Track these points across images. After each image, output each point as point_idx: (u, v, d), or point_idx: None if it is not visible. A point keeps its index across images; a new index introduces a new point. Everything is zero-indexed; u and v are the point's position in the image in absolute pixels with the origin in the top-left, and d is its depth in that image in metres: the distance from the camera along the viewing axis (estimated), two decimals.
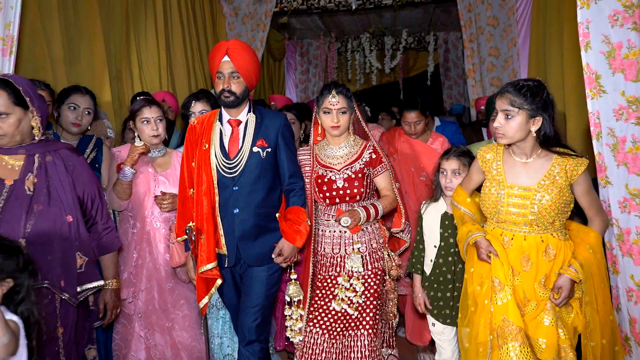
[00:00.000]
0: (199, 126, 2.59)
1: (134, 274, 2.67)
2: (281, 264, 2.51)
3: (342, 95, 2.62)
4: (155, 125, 2.72)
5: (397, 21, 7.11)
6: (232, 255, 2.48)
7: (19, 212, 2.00)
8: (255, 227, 2.47)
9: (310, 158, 2.73)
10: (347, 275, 2.60)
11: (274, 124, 2.54)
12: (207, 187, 2.48)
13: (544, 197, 2.01)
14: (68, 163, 2.17)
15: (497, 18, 5.17)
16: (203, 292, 2.52)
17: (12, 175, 2.04)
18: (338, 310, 2.60)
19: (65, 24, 3.34)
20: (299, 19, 6.90)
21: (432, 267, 2.56)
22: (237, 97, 2.45)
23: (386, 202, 2.67)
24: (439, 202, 2.60)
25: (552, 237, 2.05)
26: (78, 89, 2.78)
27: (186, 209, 2.58)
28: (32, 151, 2.10)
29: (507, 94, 2.03)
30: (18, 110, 2.02)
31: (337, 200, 2.64)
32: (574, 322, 2.06)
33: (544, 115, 1.99)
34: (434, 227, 2.57)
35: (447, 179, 2.52)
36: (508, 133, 2.04)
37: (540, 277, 2.05)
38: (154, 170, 2.76)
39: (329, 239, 2.67)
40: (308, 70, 8.50)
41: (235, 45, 2.46)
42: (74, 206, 2.13)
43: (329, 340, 2.59)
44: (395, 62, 7.97)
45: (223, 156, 2.49)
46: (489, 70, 5.26)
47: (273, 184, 2.55)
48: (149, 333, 2.68)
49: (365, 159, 2.67)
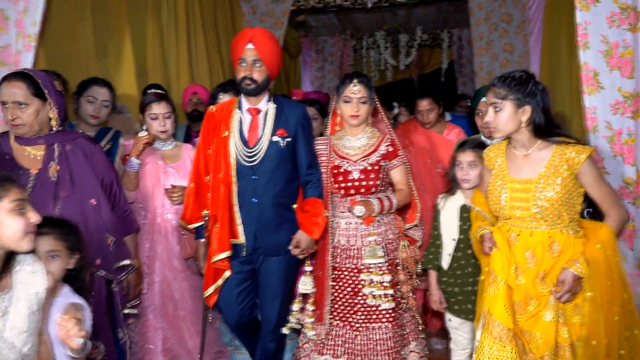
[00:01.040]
0: (217, 113, 2.57)
1: (147, 265, 2.68)
2: (298, 255, 2.51)
3: (363, 84, 2.59)
4: (163, 121, 2.72)
5: (411, 19, 7.22)
6: (250, 245, 2.47)
7: (47, 198, 2.10)
8: (273, 216, 2.47)
9: (327, 148, 2.70)
10: (367, 269, 2.57)
11: (293, 113, 2.53)
12: (224, 175, 2.46)
13: (546, 189, 1.97)
14: (86, 151, 2.26)
15: (510, 14, 5.23)
16: (210, 281, 2.50)
17: (36, 165, 2.15)
18: (365, 306, 2.57)
19: (94, 21, 3.50)
20: (315, 17, 7.03)
21: (451, 261, 2.52)
22: (258, 85, 2.44)
23: (401, 195, 2.65)
24: (456, 195, 2.57)
25: (561, 233, 2.00)
26: (96, 82, 2.81)
27: (201, 196, 2.55)
28: (51, 141, 2.19)
29: (492, 87, 2.04)
30: (37, 101, 2.11)
31: (352, 192, 2.62)
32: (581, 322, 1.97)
33: (532, 103, 1.98)
34: (451, 220, 2.54)
35: (463, 171, 2.49)
36: (499, 126, 2.03)
37: (540, 272, 2.00)
38: (163, 163, 2.76)
39: (344, 231, 2.64)
40: (323, 67, 8.61)
41: (259, 33, 2.45)
42: (96, 190, 2.24)
43: (351, 332, 2.58)
44: (410, 59, 8.06)
45: (242, 144, 2.48)
46: (502, 65, 5.33)
47: (292, 174, 2.54)
48: (164, 324, 2.69)
49: (382, 151, 2.64)
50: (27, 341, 1.55)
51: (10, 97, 2.07)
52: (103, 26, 3.59)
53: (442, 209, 2.59)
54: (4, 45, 2.47)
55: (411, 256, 2.67)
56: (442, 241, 2.57)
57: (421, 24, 7.59)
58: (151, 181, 2.71)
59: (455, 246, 2.51)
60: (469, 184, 2.47)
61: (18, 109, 2.08)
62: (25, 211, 1.56)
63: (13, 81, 2.09)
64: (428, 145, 3.45)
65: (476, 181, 2.46)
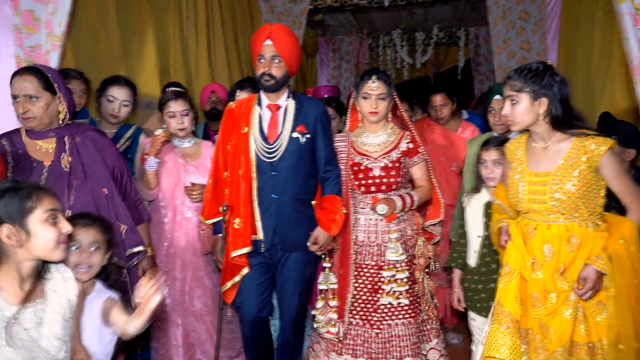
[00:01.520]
0: (237, 109, 2.57)
1: (164, 262, 2.71)
2: (316, 251, 2.52)
3: (382, 81, 2.58)
4: (181, 119, 2.72)
5: (428, 17, 7.21)
6: (268, 240, 2.48)
7: (61, 188, 2.17)
8: (292, 212, 2.49)
9: (347, 145, 2.69)
10: (388, 266, 2.57)
11: (313, 110, 2.53)
12: (245, 171, 2.47)
13: (562, 182, 1.95)
14: (96, 142, 2.33)
15: (528, 12, 5.21)
16: (228, 276, 2.51)
17: (48, 157, 2.22)
18: (386, 304, 2.56)
19: (119, 21, 3.59)
20: (332, 16, 7.05)
21: (477, 258, 2.51)
22: (277, 81, 2.43)
23: (421, 192, 2.64)
24: (481, 193, 2.56)
25: (579, 226, 1.96)
26: (117, 81, 2.84)
27: (219, 191, 2.56)
28: (61, 133, 2.26)
29: (508, 80, 2.02)
30: (47, 95, 2.18)
31: (372, 189, 2.61)
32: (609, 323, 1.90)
33: (549, 95, 1.95)
34: (477, 217, 2.53)
35: (488, 169, 2.47)
36: (516, 119, 2.01)
37: (559, 266, 1.97)
38: (183, 160, 2.77)
39: (363, 227, 2.64)
40: (340, 66, 8.62)
41: (278, 29, 2.44)
42: (107, 180, 2.30)
43: (370, 330, 2.58)
44: (426, 57, 8.04)
45: (262, 140, 2.48)
46: (519, 63, 5.32)
47: (311, 170, 2.55)
48: (185, 320, 2.72)
49: (403, 148, 2.63)
50: (61, 348, 1.57)
51: (21, 90, 2.14)
52: (127, 26, 3.68)
53: (467, 206, 2.58)
54: (34, 45, 2.56)
55: (425, 254, 2.67)
56: (468, 239, 2.57)
57: (438, 22, 7.56)
58: (172, 179, 2.73)
59: (482, 243, 2.49)
60: (494, 182, 2.44)
61: (29, 102, 2.14)
62: (57, 221, 1.56)
63: (24, 75, 2.15)
64: (442, 143, 3.44)
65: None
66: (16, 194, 1.50)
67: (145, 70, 3.84)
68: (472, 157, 2.82)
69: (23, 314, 1.51)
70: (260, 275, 2.54)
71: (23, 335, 1.49)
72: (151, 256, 2.54)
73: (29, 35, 2.51)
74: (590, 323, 1.92)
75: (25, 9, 2.49)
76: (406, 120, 2.78)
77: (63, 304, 1.60)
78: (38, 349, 1.51)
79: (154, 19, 3.96)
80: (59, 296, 1.60)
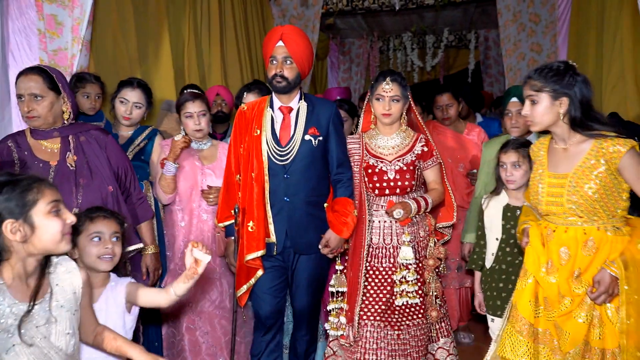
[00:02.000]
0: (249, 112, 2.55)
1: (180, 265, 2.70)
2: (327, 254, 2.51)
3: (396, 83, 2.55)
4: (198, 120, 2.71)
5: (438, 20, 7.25)
6: (280, 243, 2.47)
7: (69, 186, 2.19)
8: (305, 215, 2.46)
9: (360, 147, 2.67)
10: (399, 268, 2.55)
11: (325, 112, 2.51)
12: (258, 174, 2.45)
13: (579, 184, 1.91)
14: (100, 141, 2.34)
15: (538, 15, 5.24)
16: (243, 279, 2.50)
17: (54, 157, 2.23)
18: (400, 305, 2.54)
19: (137, 26, 3.68)
20: (343, 20, 7.11)
21: (494, 260, 2.51)
22: (289, 82, 2.41)
23: (435, 195, 2.63)
24: (501, 195, 2.54)
25: (597, 230, 1.92)
26: (130, 83, 2.83)
27: (231, 195, 2.55)
28: (65, 133, 2.28)
29: (529, 80, 1.99)
30: (51, 94, 2.20)
31: (386, 192, 2.59)
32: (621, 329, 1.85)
33: (569, 95, 1.91)
34: (495, 220, 2.52)
35: (507, 172, 2.45)
36: (535, 119, 1.99)
37: (575, 270, 1.94)
38: (200, 163, 2.75)
39: (377, 229, 2.61)
40: (350, 69, 8.67)
41: (290, 30, 2.43)
42: (112, 178, 2.32)
43: (392, 332, 2.56)
44: (436, 60, 8.09)
45: (275, 143, 2.46)
46: (530, 65, 5.34)
47: (323, 172, 2.53)
48: (201, 322, 2.71)
49: (417, 151, 2.61)
50: (70, 342, 1.56)
51: (27, 89, 2.16)
52: (144, 31, 3.76)
53: (486, 208, 2.57)
54: (57, 48, 2.65)
55: (435, 255, 2.65)
56: (486, 241, 2.57)
57: (448, 25, 7.60)
58: (189, 183, 2.72)
59: (499, 245, 2.49)
60: (514, 184, 2.44)
61: (34, 101, 2.17)
62: (60, 212, 1.53)
63: (29, 75, 2.18)
64: (448, 144, 3.43)
65: (521, 181, 2.43)
66: (15, 187, 1.45)
67: (161, 73, 3.92)
68: (489, 159, 2.85)
69: (33, 311, 1.48)
70: (274, 278, 2.53)
71: (35, 333, 1.47)
72: (155, 253, 2.56)
73: (52, 39, 2.59)
74: (607, 329, 1.88)
75: (49, 13, 2.57)
76: (420, 123, 2.76)
77: (69, 297, 1.58)
78: (49, 346, 1.49)
79: (170, 24, 4.05)
80: (64, 290, 1.57)
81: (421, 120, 2.75)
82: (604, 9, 3.96)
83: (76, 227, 1.84)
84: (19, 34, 2.59)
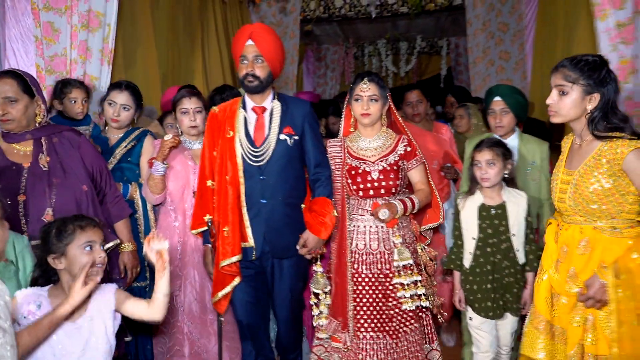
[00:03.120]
0: (220, 114, 2.49)
1: (179, 267, 2.66)
2: (305, 255, 2.46)
3: (374, 83, 2.53)
4: (194, 116, 2.68)
5: (411, 28, 7.48)
6: (259, 247, 2.41)
7: (42, 187, 2.21)
8: (283, 217, 2.41)
9: (342, 150, 2.61)
10: (399, 272, 2.48)
11: (299, 111, 2.47)
12: (232, 177, 2.39)
13: (579, 183, 1.90)
14: (73, 141, 2.34)
15: (507, 24, 5.50)
16: (219, 286, 2.44)
17: (26, 160, 2.24)
18: (404, 309, 2.49)
19: (123, 32, 3.73)
20: (319, 27, 7.25)
21: (472, 260, 2.51)
22: (261, 81, 2.36)
23: (421, 195, 2.57)
24: (476, 195, 2.53)
25: (593, 229, 1.90)
26: (118, 85, 2.82)
27: (205, 200, 2.48)
28: (37, 135, 2.29)
29: (562, 69, 1.90)
30: (25, 98, 2.23)
31: (371, 193, 2.54)
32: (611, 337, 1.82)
33: (603, 91, 1.84)
34: (471, 220, 2.52)
35: (482, 170, 2.45)
36: (561, 110, 1.92)
37: (570, 268, 1.94)
38: (192, 163, 2.71)
39: (362, 234, 2.55)
40: (325, 75, 8.80)
41: (259, 28, 2.37)
42: (86, 177, 2.32)
43: (391, 341, 2.51)
44: (410, 66, 8.33)
45: (249, 144, 2.41)
46: (498, 72, 5.59)
47: (300, 173, 2.50)
48: (192, 327, 2.66)
49: (400, 151, 2.58)
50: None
51: (1, 93, 2.18)
52: (130, 37, 3.85)
53: (462, 209, 2.56)
54: (53, 54, 2.74)
55: (428, 257, 2.65)
56: (463, 241, 2.56)
57: (420, 33, 7.83)
58: (181, 182, 2.68)
59: (476, 244, 2.50)
60: (489, 182, 2.45)
61: (8, 105, 2.19)
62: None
63: (4, 78, 2.20)
64: (420, 142, 3.32)
65: (495, 180, 2.45)
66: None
67: (148, 78, 4.01)
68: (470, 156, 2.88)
69: None
70: (255, 288, 2.49)
71: None
72: (132, 251, 2.57)
73: (49, 46, 2.67)
74: (600, 335, 1.85)
75: (46, 20, 2.65)
76: (401, 124, 2.72)
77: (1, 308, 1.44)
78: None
79: (155, 29, 4.14)
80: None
81: (402, 121, 2.74)
82: (566, 15, 4.18)
83: (62, 236, 1.80)
84: (15, 41, 2.67)
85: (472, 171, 2.52)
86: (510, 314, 2.48)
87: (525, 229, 2.47)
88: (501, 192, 2.50)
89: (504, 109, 2.77)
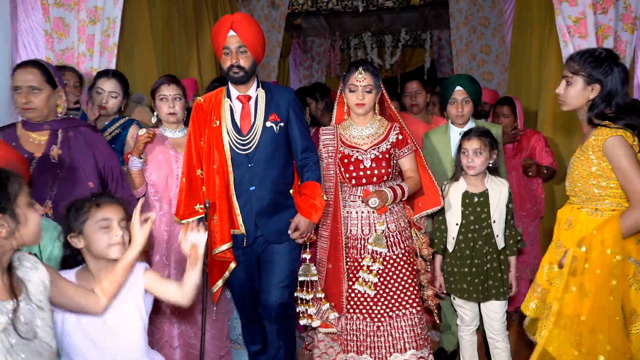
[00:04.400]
0: (206, 104, 2.50)
1: (166, 256, 2.65)
2: (297, 239, 2.49)
3: (369, 72, 2.54)
4: (172, 103, 2.65)
5: (396, 22, 7.64)
6: (251, 234, 2.46)
7: (47, 177, 2.23)
8: (272, 203, 2.45)
9: (334, 138, 2.64)
10: (371, 256, 2.54)
11: (283, 98, 2.50)
12: (220, 166, 2.42)
13: (572, 165, 2.07)
14: (88, 138, 2.36)
15: (488, 18, 5.66)
16: (217, 275, 2.47)
17: (39, 149, 2.27)
18: (363, 292, 2.54)
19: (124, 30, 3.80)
20: (305, 20, 7.32)
21: (454, 244, 2.59)
22: (246, 72, 2.39)
23: (411, 183, 2.62)
24: (460, 182, 2.60)
25: (577, 209, 2.07)
26: (105, 73, 2.84)
27: (194, 190, 2.49)
28: (55, 126, 2.31)
29: (570, 61, 2.06)
30: (48, 88, 2.26)
31: (363, 181, 2.58)
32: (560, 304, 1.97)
33: (603, 82, 1.97)
34: (455, 205, 2.59)
35: (469, 158, 2.52)
36: (567, 99, 2.06)
37: (557, 241, 2.12)
38: (174, 152, 2.67)
39: (355, 220, 2.60)
40: (311, 67, 8.90)
41: (240, 18, 2.39)
42: (94, 174, 2.32)
43: (372, 324, 2.55)
44: (394, 59, 8.49)
45: (236, 133, 2.43)
46: (480, 65, 5.79)
47: (288, 159, 2.53)
48: (180, 317, 2.66)
49: (392, 139, 2.61)
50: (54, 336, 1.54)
51: (25, 82, 2.21)
52: (130, 32, 3.97)
53: (446, 194, 2.63)
54: (64, 48, 2.88)
55: (424, 242, 2.69)
56: (447, 225, 2.64)
57: (405, 26, 7.99)
58: (164, 172, 2.66)
59: (458, 230, 2.58)
60: (474, 170, 2.52)
61: (31, 94, 2.22)
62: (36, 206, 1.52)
63: (28, 67, 2.24)
64: (416, 134, 3.42)
65: (481, 168, 2.53)
66: None
67: (143, 72, 4.13)
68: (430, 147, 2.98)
69: (19, 308, 1.44)
70: (251, 276, 2.54)
71: (25, 330, 1.44)
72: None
73: (60, 40, 2.81)
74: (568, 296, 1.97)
75: (56, 16, 2.79)
76: (394, 113, 2.75)
77: (42, 291, 1.53)
78: (39, 342, 1.46)
79: (151, 23, 4.27)
80: (36, 285, 1.52)
81: (394, 109, 2.77)
82: (539, 10, 4.34)
83: (79, 214, 1.81)
84: (25, 34, 2.80)
85: (458, 158, 2.60)
86: (495, 299, 2.57)
87: (506, 215, 2.57)
88: (484, 180, 2.59)
89: (465, 98, 2.85)
